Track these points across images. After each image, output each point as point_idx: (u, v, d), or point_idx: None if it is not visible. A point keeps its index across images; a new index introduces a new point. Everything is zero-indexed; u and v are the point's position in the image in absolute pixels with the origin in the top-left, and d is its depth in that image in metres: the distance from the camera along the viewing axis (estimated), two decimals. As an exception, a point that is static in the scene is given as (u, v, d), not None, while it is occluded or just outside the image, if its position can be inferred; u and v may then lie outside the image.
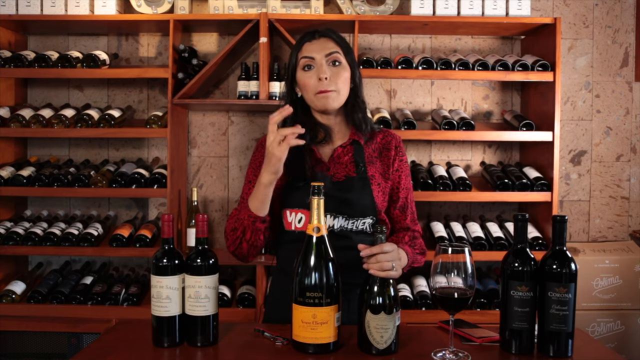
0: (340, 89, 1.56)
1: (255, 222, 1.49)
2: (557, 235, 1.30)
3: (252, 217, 1.48)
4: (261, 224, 1.49)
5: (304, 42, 1.60)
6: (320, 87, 1.54)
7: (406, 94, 2.97)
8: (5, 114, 2.68)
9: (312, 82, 1.55)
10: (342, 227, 1.55)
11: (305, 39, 1.60)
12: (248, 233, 1.50)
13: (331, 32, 1.61)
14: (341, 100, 1.59)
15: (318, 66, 1.55)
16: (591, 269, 2.67)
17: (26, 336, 2.54)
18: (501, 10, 2.65)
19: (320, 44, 1.58)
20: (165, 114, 2.72)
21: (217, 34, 2.94)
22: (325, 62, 1.56)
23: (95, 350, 1.32)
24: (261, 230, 1.50)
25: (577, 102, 2.97)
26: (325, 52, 1.56)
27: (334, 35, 1.61)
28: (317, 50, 1.57)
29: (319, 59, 1.56)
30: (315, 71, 1.56)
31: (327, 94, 1.54)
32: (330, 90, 1.54)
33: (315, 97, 1.56)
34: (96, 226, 2.68)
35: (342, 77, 1.57)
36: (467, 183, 2.61)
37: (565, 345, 1.29)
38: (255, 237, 1.50)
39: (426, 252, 1.66)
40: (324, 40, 1.59)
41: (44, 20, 2.63)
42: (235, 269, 2.93)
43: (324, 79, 1.54)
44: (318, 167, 1.59)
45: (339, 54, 1.58)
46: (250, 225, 1.49)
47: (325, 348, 1.28)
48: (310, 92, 1.57)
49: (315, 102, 1.57)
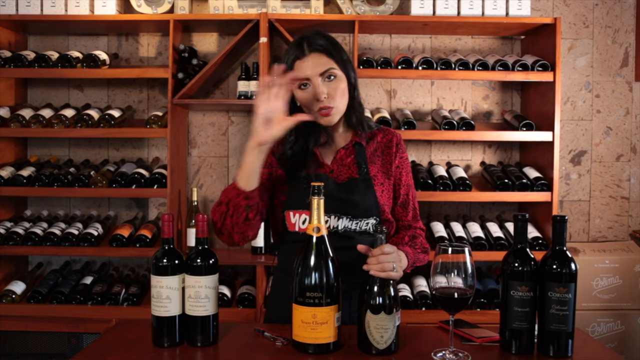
0: (338, 104, 1.56)
1: (238, 195, 1.43)
2: (557, 235, 1.30)
3: (235, 189, 1.43)
4: (244, 200, 1.43)
5: (294, 60, 1.55)
6: (320, 105, 1.54)
7: (406, 94, 2.97)
8: (5, 114, 2.69)
9: (310, 99, 1.55)
10: (346, 227, 1.55)
11: (296, 56, 1.55)
12: (231, 209, 1.44)
13: (320, 44, 1.55)
14: (341, 112, 1.59)
15: (314, 86, 1.53)
16: (591, 269, 2.67)
17: (26, 336, 2.54)
18: (501, 10, 2.65)
19: (312, 61, 1.53)
20: (165, 114, 2.72)
21: (217, 34, 2.94)
22: (320, 80, 1.54)
23: (95, 350, 1.32)
24: (243, 207, 1.43)
25: (577, 102, 2.97)
26: (320, 71, 1.53)
27: (324, 47, 1.55)
28: (310, 68, 1.53)
29: (314, 79, 1.53)
30: (312, 90, 1.54)
31: (327, 113, 1.54)
32: (330, 108, 1.54)
33: (316, 115, 1.56)
34: (96, 226, 2.68)
35: (339, 90, 1.56)
36: (467, 183, 2.61)
37: (565, 345, 1.29)
38: (237, 214, 1.44)
39: (429, 250, 1.65)
40: (315, 55, 1.54)
41: (44, 20, 2.63)
42: (235, 269, 2.93)
43: (323, 99, 1.53)
44: (321, 170, 1.60)
45: (334, 69, 1.54)
46: (233, 198, 1.43)
47: (325, 348, 1.28)
48: (311, 109, 1.56)
49: (317, 118, 1.57)
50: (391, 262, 1.32)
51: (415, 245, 1.61)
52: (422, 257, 1.61)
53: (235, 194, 1.43)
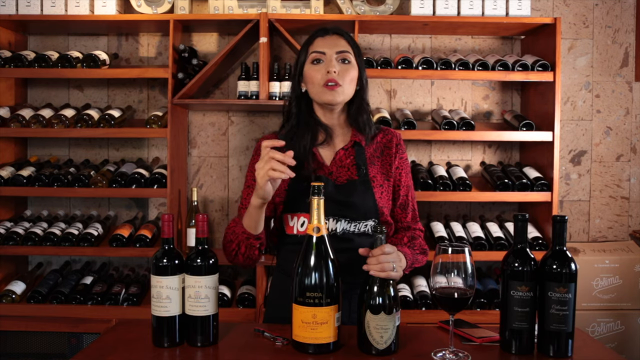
0: (346, 86, 1.57)
1: (249, 239, 1.51)
2: (557, 235, 1.30)
3: (245, 234, 1.51)
4: (255, 240, 1.51)
5: (316, 37, 1.62)
6: (328, 78, 1.55)
7: (406, 94, 2.97)
8: (5, 114, 2.68)
9: (320, 75, 1.56)
10: (344, 230, 1.55)
11: (318, 34, 1.62)
12: (242, 247, 1.52)
13: (343, 31, 1.64)
14: (346, 97, 1.59)
15: (328, 61, 1.57)
16: (591, 269, 2.67)
17: (26, 336, 2.53)
18: (501, 10, 2.65)
19: (332, 40, 1.60)
20: (165, 114, 2.72)
21: (217, 34, 2.94)
22: (335, 58, 1.57)
23: (95, 350, 1.32)
24: (255, 247, 1.52)
25: (577, 102, 2.97)
26: (337, 50, 1.58)
27: (346, 35, 1.63)
28: (328, 45, 1.59)
29: (330, 54, 1.57)
30: (325, 65, 1.57)
31: (334, 87, 1.55)
32: (337, 84, 1.55)
33: (321, 90, 1.56)
34: (96, 226, 2.68)
35: (350, 75, 1.58)
36: (467, 183, 2.61)
37: (565, 345, 1.29)
38: (250, 251, 1.53)
39: (427, 251, 1.65)
40: (336, 37, 1.61)
41: (44, 20, 2.63)
42: (235, 269, 2.93)
43: (332, 72, 1.55)
44: (320, 171, 1.59)
45: (350, 54, 1.59)
46: (244, 241, 1.52)
47: (325, 348, 1.28)
48: (317, 84, 1.56)
49: (320, 94, 1.57)
50: (391, 262, 1.32)
51: (414, 247, 1.61)
52: (420, 258, 1.61)
53: (245, 237, 1.51)
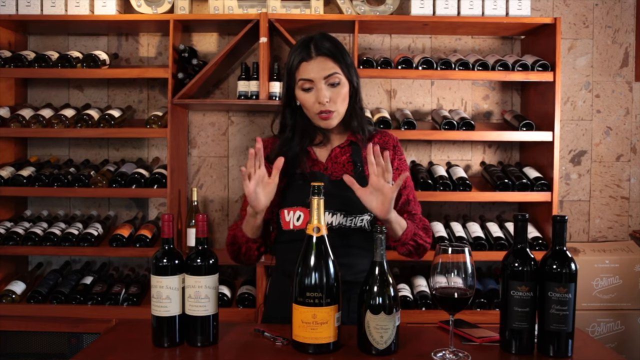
0: (339, 108, 1.58)
1: (248, 242, 1.57)
2: (557, 235, 1.30)
3: (244, 237, 1.57)
4: (253, 243, 1.58)
5: (300, 62, 1.56)
6: (321, 109, 1.55)
7: (406, 94, 2.97)
8: (5, 114, 2.68)
9: (312, 102, 1.57)
10: (340, 224, 1.55)
11: (303, 59, 1.56)
12: (243, 249, 1.59)
13: (327, 48, 1.56)
14: (341, 116, 1.61)
15: (317, 89, 1.55)
16: (591, 269, 2.67)
17: (26, 336, 2.53)
18: (501, 10, 2.65)
19: (318, 64, 1.55)
20: (165, 114, 2.72)
21: (217, 34, 2.94)
22: (324, 84, 1.55)
23: (95, 350, 1.32)
24: (253, 249, 1.59)
25: (577, 102, 2.97)
26: (324, 74, 1.55)
27: (331, 51, 1.56)
28: (315, 71, 1.55)
29: (318, 81, 1.55)
30: (315, 94, 1.56)
31: (328, 117, 1.57)
32: (331, 112, 1.56)
33: (316, 117, 1.58)
34: (96, 226, 2.68)
35: (342, 95, 1.57)
36: (467, 183, 2.61)
37: (565, 345, 1.29)
38: (250, 253, 1.60)
39: (431, 231, 1.62)
40: (321, 59, 1.55)
41: (44, 20, 2.63)
42: (235, 269, 2.93)
43: (324, 103, 1.55)
44: (315, 167, 1.60)
45: (339, 74, 1.56)
46: (244, 244, 1.58)
47: (325, 348, 1.28)
48: (311, 111, 1.59)
49: (316, 121, 1.60)
50: (390, 174, 1.38)
51: (415, 221, 1.59)
52: (422, 234, 1.57)
53: (244, 241, 1.58)
